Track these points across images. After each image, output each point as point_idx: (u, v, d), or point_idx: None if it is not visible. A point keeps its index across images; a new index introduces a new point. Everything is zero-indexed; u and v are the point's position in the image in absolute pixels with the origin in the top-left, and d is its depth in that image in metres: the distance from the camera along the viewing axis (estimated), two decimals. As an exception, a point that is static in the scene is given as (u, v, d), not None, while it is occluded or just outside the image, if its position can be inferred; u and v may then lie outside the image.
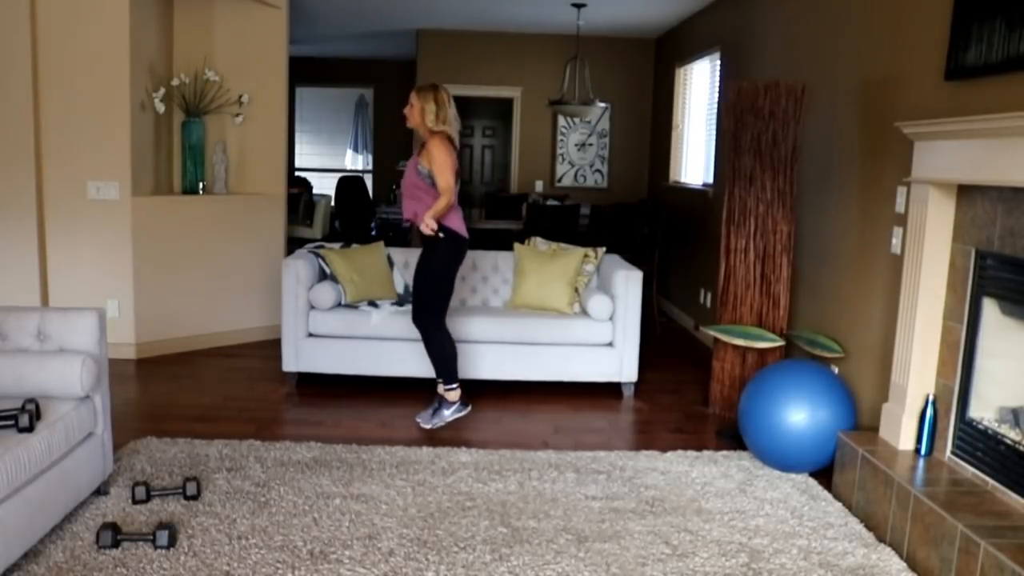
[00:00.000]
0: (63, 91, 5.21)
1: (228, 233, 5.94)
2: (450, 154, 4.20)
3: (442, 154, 4.17)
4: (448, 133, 4.24)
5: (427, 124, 4.21)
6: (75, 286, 5.37)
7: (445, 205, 4.17)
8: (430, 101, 4.21)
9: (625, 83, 9.07)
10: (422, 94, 4.24)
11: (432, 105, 4.20)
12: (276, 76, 6.24)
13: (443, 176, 4.16)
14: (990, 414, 3.17)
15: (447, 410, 4.41)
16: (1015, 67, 2.96)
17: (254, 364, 5.53)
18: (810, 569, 2.95)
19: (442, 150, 4.18)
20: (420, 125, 4.25)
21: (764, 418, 3.79)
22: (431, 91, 4.24)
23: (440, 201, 4.16)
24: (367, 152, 12.95)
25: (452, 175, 4.19)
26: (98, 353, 3.22)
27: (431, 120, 4.20)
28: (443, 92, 4.26)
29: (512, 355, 4.94)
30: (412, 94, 4.28)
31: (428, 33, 8.97)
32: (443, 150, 4.18)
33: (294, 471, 3.67)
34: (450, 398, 4.42)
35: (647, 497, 3.53)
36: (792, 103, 4.42)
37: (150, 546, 2.91)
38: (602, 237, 6.35)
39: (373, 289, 5.14)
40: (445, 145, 4.20)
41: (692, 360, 6.04)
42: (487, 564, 2.91)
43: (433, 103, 4.20)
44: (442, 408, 4.41)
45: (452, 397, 4.42)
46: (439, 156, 4.16)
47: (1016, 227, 2.93)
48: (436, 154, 4.17)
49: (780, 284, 4.55)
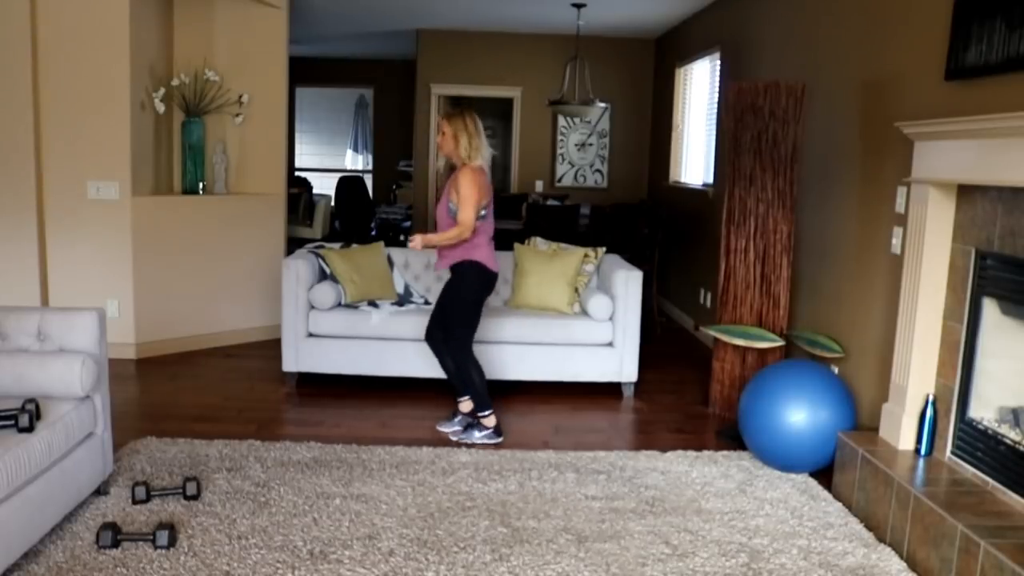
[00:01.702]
0: (63, 91, 5.21)
1: (228, 233, 5.94)
2: (479, 188, 4.04)
3: (468, 187, 4.01)
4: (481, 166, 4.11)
5: (460, 153, 4.08)
6: (75, 286, 5.37)
7: (453, 236, 4.02)
8: (462, 131, 4.07)
9: (625, 83, 9.07)
10: (453, 122, 4.10)
11: (464, 136, 4.06)
12: (276, 76, 6.24)
13: (465, 210, 4.01)
14: (990, 414, 3.17)
15: (479, 432, 4.25)
16: (1015, 67, 2.96)
17: (254, 364, 5.53)
18: (810, 569, 2.95)
19: (471, 184, 4.02)
20: (454, 153, 4.11)
21: (764, 418, 3.79)
22: (460, 119, 4.10)
23: (451, 231, 4.03)
24: (367, 152, 12.95)
25: (474, 209, 4.02)
26: (98, 353, 3.22)
27: (464, 152, 4.07)
28: (472, 119, 4.11)
29: (512, 355, 4.94)
30: (443, 121, 4.14)
31: (428, 33, 8.97)
32: (472, 184, 4.02)
33: (294, 471, 3.67)
34: (486, 424, 4.27)
35: (647, 497, 3.53)
36: (792, 103, 4.42)
37: (150, 546, 2.91)
38: (602, 237, 6.35)
39: (373, 289, 5.14)
40: (476, 179, 4.04)
41: (692, 360, 6.04)
42: (487, 564, 2.91)
43: (465, 133, 4.07)
44: (474, 429, 4.28)
45: (488, 423, 4.27)
46: (465, 189, 4.01)
47: (1016, 227, 2.93)
48: (463, 185, 4.02)
49: (780, 284, 4.55)
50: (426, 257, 5.42)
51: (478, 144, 4.10)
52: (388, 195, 12.19)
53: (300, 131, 12.53)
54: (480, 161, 4.11)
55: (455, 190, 4.07)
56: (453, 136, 4.09)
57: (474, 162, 4.09)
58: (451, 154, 4.15)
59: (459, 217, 4.04)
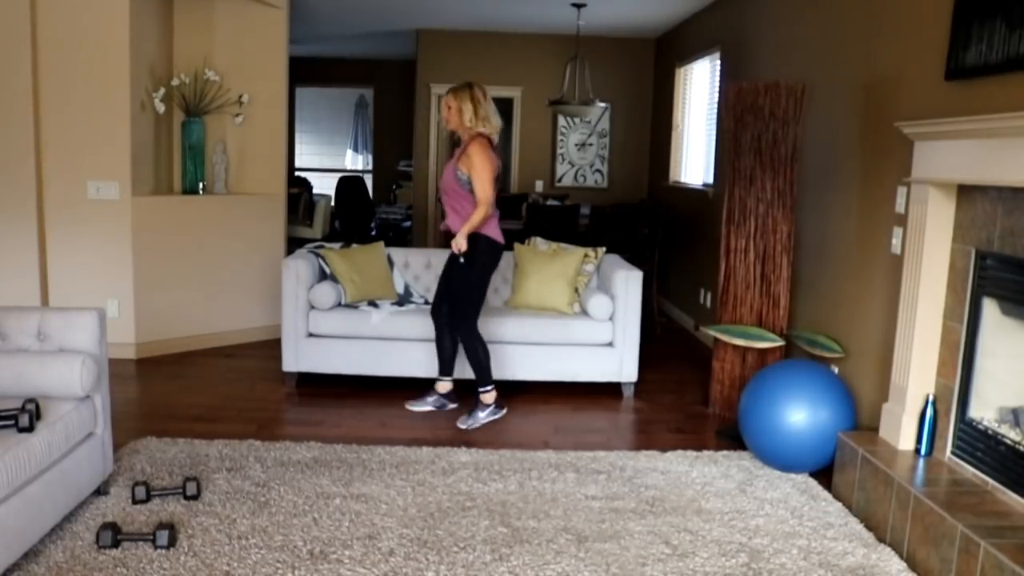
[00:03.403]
0: (63, 91, 5.21)
1: (228, 233, 5.94)
2: (491, 159, 4.06)
3: (482, 160, 4.02)
4: (488, 134, 4.12)
5: (466, 124, 4.08)
6: (75, 286, 5.37)
7: (481, 218, 4.04)
8: (467, 100, 4.08)
9: (625, 83, 9.07)
10: (459, 94, 4.12)
11: (469, 104, 4.07)
12: (276, 76, 6.24)
13: (482, 184, 4.01)
14: (990, 414, 3.17)
15: (482, 412, 4.36)
16: (1015, 67, 2.96)
17: (254, 364, 5.53)
18: (810, 569, 2.95)
19: (482, 155, 4.03)
20: (460, 126, 4.12)
21: (764, 418, 3.79)
22: (466, 89, 4.12)
23: (476, 213, 4.04)
24: (367, 152, 12.95)
25: (491, 183, 4.04)
26: (98, 353, 3.22)
27: (469, 119, 4.07)
28: (479, 89, 4.12)
29: (512, 355, 4.93)
30: (448, 95, 4.16)
31: (428, 33, 8.97)
32: (483, 155, 4.03)
33: (294, 471, 3.67)
34: (485, 400, 4.36)
35: (647, 497, 3.53)
36: (792, 103, 4.42)
37: (150, 546, 2.91)
38: (602, 237, 6.35)
39: (373, 289, 5.14)
40: (486, 150, 4.06)
41: (692, 360, 6.04)
42: (487, 564, 2.91)
43: (470, 102, 4.08)
44: (477, 410, 4.37)
45: (487, 399, 4.36)
46: (478, 162, 4.01)
47: (1016, 227, 2.93)
48: (476, 160, 4.02)
49: (780, 284, 4.55)
50: (426, 257, 5.43)
51: (485, 112, 4.10)
52: (388, 195, 12.19)
53: (300, 131, 12.53)
54: (488, 129, 4.10)
55: (466, 164, 4.06)
56: (459, 109, 4.09)
57: (483, 129, 4.07)
58: (458, 127, 4.15)
59: (478, 195, 4.04)
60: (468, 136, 4.11)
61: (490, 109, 4.12)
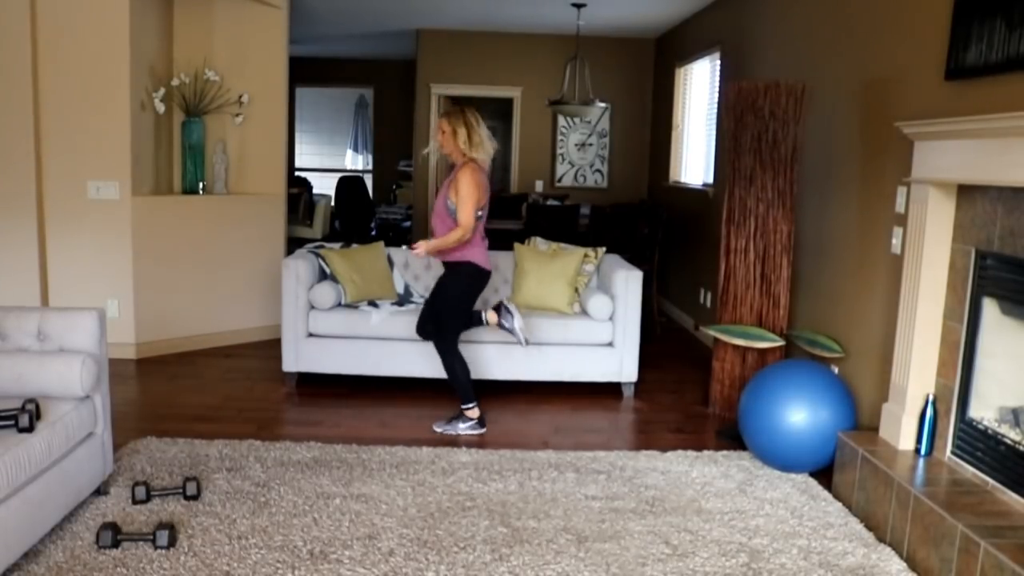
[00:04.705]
0: (63, 91, 5.21)
1: (228, 233, 5.94)
2: (478, 186, 4.06)
3: (468, 187, 4.03)
4: (480, 160, 4.13)
5: (460, 147, 4.09)
6: (75, 286, 5.37)
7: (456, 240, 4.06)
8: (460, 124, 4.08)
9: (625, 83, 9.07)
10: (452, 119, 4.12)
11: (463, 128, 4.08)
12: (276, 76, 6.24)
13: (464, 211, 4.03)
14: (990, 414, 3.17)
15: (462, 424, 4.35)
16: (1015, 67, 2.96)
17: (254, 364, 5.53)
18: (810, 569, 2.95)
19: (470, 183, 4.04)
20: (454, 150, 4.13)
21: (764, 418, 3.79)
22: (460, 114, 4.12)
23: (453, 233, 4.06)
24: (367, 152, 12.96)
25: (474, 210, 4.05)
26: (98, 353, 3.22)
27: (463, 142, 4.08)
28: (471, 114, 4.13)
29: (512, 355, 4.93)
30: (441, 120, 4.17)
31: (428, 33, 8.97)
32: (471, 183, 4.04)
33: (294, 471, 3.67)
34: (468, 415, 4.36)
35: (647, 497, 3.53)
36: (792, 103, 4.42)
37: (150, 546, 2.91)
38: (602, 237, 6.35)
39: (373, 289, 5.14)
40: (475, 177, 4.07)
41: (692, 360, 6.04)
42: (487, 564, 2.91)
43: (464, 126, 4.08)
44: (458, 420, 4.36)
45: (470, 415, 4.36)
46: (464, 189, 4.03)
47: (1016, 227, 2.93)
48: (462, 186, 4.04)
49: (780, 284, 4.55)
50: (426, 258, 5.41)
51: (479, 138, 4.11)
52: (388, 195, 12.20)
53: (300, 131, 12.53)
54: (482, 155, 4.12)
55: (455, 189, 4.08)
56: (452, 132, 4.10)
57: (477, 155, 4.09)
58: (452, 151, 4.16)
59: (459, 219, 4.07)
60: (461, 161, 4.12)
61: (484, 134, 4.13)
